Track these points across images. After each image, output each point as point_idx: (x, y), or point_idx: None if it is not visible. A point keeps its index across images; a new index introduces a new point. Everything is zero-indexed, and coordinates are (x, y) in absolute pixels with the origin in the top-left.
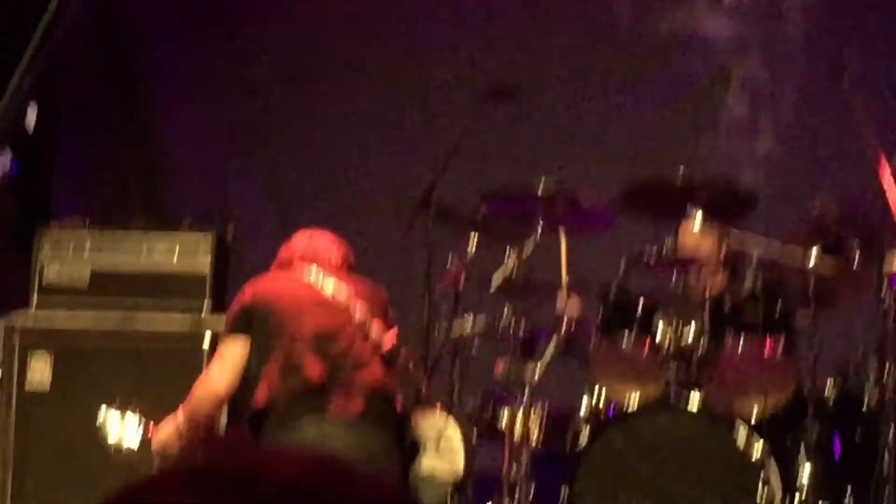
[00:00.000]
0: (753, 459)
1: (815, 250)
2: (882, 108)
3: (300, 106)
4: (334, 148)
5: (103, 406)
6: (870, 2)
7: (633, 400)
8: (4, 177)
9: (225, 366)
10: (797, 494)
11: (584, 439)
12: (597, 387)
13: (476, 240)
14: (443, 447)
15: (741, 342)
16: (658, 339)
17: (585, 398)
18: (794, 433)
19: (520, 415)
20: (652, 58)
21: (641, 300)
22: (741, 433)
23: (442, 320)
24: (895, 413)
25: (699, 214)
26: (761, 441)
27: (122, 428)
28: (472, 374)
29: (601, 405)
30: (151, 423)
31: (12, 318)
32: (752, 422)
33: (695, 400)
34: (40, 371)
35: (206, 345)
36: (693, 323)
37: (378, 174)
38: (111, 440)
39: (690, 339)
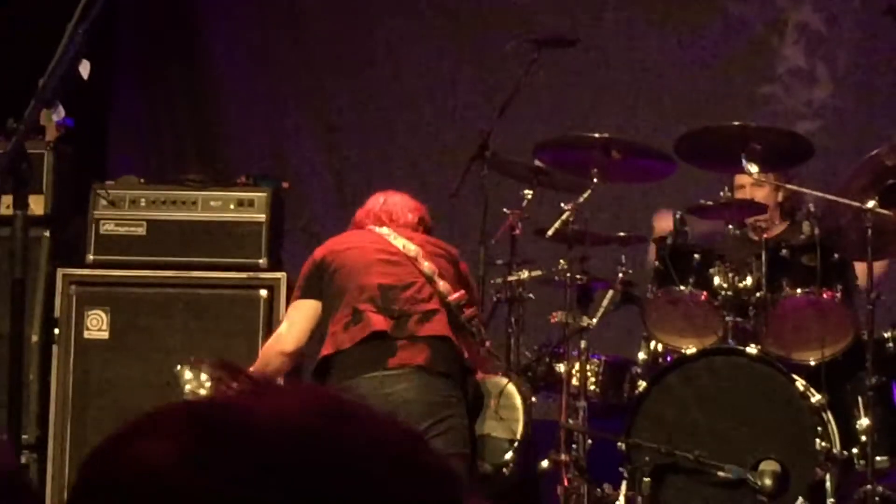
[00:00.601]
0: (812, 407)
1: (873, 199)
2: None
3: (354, 61)
4: (388, 102)
5: (178, 365)
6: None
7: (691, 350)
8: (61, 129)
9: (293, 326)
10: (855, 444)
11: (641, 386)
12: (654, 338)
13: (532, 191)
14: (504, 406)
15: (798, 291)
16: (715, 288)
17: (642, 349)
18: (853, 382)
19: (577, 366)
20: (707, 7)
21: (698, 250)
22: (799, 382)
23: (498, 273)
24: None
25: (754, 165)
26: (819, 389)
27: (195, 383)
28: (529, 326)
29: (659, 354)
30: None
31: (70, 271)
32: (811, 370)
33: (753, 348)
34: (98, 323)
35: (262, 298)
36: (750, 272)
37: (433, 127)
38: (185, 394)
39: (748, 289)
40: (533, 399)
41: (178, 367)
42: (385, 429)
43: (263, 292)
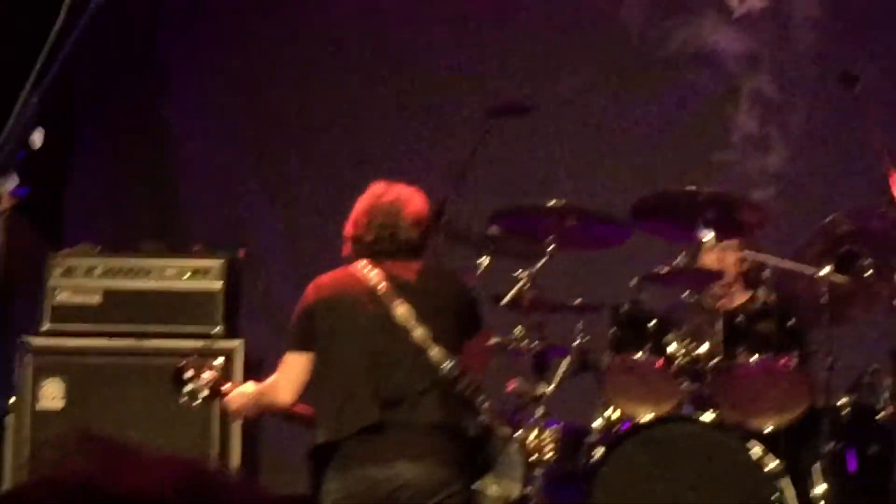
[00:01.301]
0: (768, 473)
1: (827, 265)
2: (894, 121)
3: (311, 127)
4: (343, 167)
5: (182, 360)
6: (879, 13)
7: (648, 416)
8: (14, 199)
9: (289, 382)
10: None
11: (598, 454)
12: (611, 405)
13: (487, 258)
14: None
15: (755, 357)
16: (671, 355)
17: (599, 416)
18: (809, 447)
19: (533, 433)
20: (662, 73)
21: (654, 316)
22: (755, 448)
23: None
24: None
25: (711, 232)
26: (776, 455)
27: (197, 382)
28: (485, 392)
29: (615, 422)
30: (224, 386)
31: (25, 341)
32: (767, 436)
33: (709, 415)
34: (53, 392)
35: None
36: (706, 338)
37: None
38: (184, 392)
39: (704, 355)
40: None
41: (182, 363)
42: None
43: (220, 360)
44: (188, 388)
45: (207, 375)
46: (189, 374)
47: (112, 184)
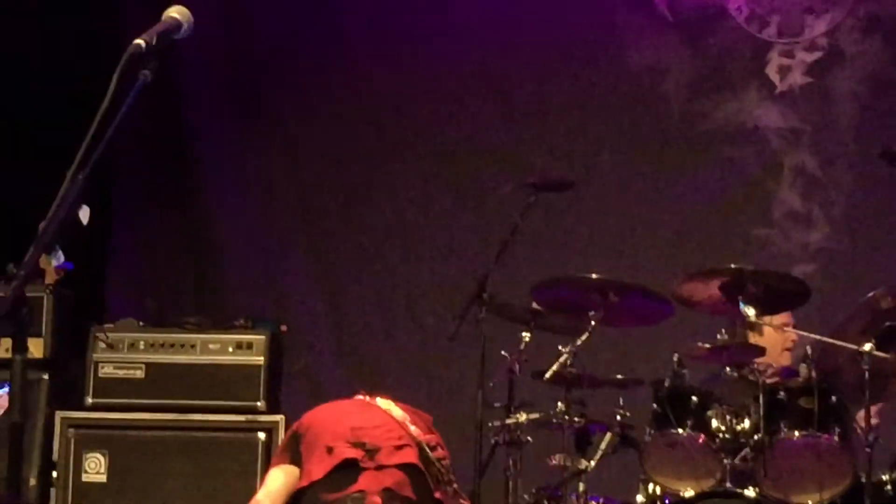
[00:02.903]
0: None
1: (870, 342)
2: None
3: (352, 202)
4: (386, 244)
5: None
6: None
7: (690, 492)
8: (60, 273)
9: (270, 497)
10: None
11: None
12: (652, 481)
13: (529, 333)
14: None
15: (797, 433)
16: (713, 430)
17: (640, 492)
18: None
19: None
20: (703, 149)
21: (696, 392)
22: None
23: (496, 415)
24: None
25: (751, 308)
26: None
27: None
28: (527, 469)
29: (657, 497)
30: None
31: (68, 414)
32: None
33: (751, 491)
34: (96, 466)
35: (260, 440)
36: (748, 414)
37: (430, 269)
38: None
39: (745, 431)
40: None
41: None
42: None
43: (262, 435)
44: None
45: None
46: None
47: (153, 259)
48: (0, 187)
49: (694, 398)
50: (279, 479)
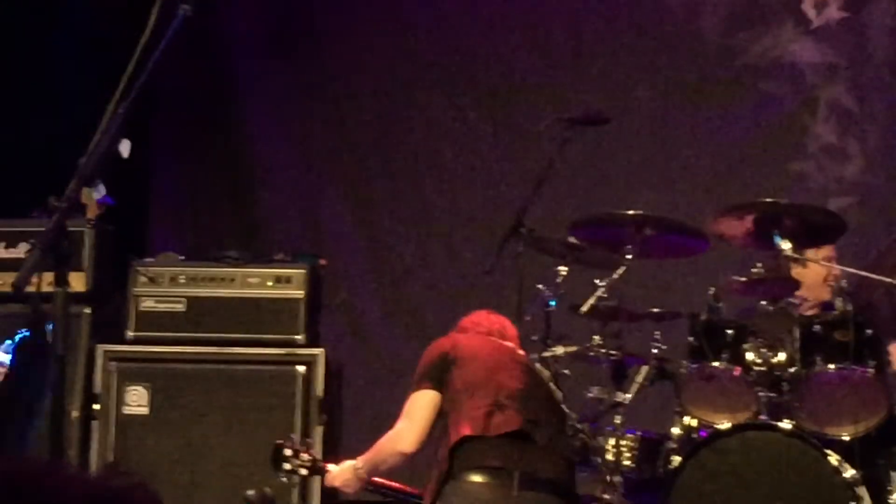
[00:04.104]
0: (845, 482)
1: None
2: None
3: (391, 137)
4: (424, 179)
5: (279, 440)
6: None
7: (725, 424)
8: (102, 208)
9: (415, 424)
10: None
11: (675, 461)
12: (688, 413)
13: (566, 267)
14: None
15: (832, 366)
16: (749, 363)
17: (677, 424)
18: (886, 457)
19: (612, 441)
20: (738, 84)
21: (731, 326)
22: (833, 456)
23: (532, 349)
24: None
25: (786, 242)
26: (852, 464)
27: (295, 462)
28: (565, 401)
29: (693, 430)
30: (326, 464)
31: (110, 348)
32: (844, 445)
33: (786, 423)
34: (138, 399)
35: (300, 373)
36: (783, 347)
37: (468, 204)
38: (284, 470)
39: (781, 364)
40: None
41: (280, 441)
42: None
43: (301, 368)
44: (287, 466)
45: (307, 456)
46: (288, 452)
47: (194, 194)
48: (42, 123)
49: (729, 331)
50: (425, 405)
